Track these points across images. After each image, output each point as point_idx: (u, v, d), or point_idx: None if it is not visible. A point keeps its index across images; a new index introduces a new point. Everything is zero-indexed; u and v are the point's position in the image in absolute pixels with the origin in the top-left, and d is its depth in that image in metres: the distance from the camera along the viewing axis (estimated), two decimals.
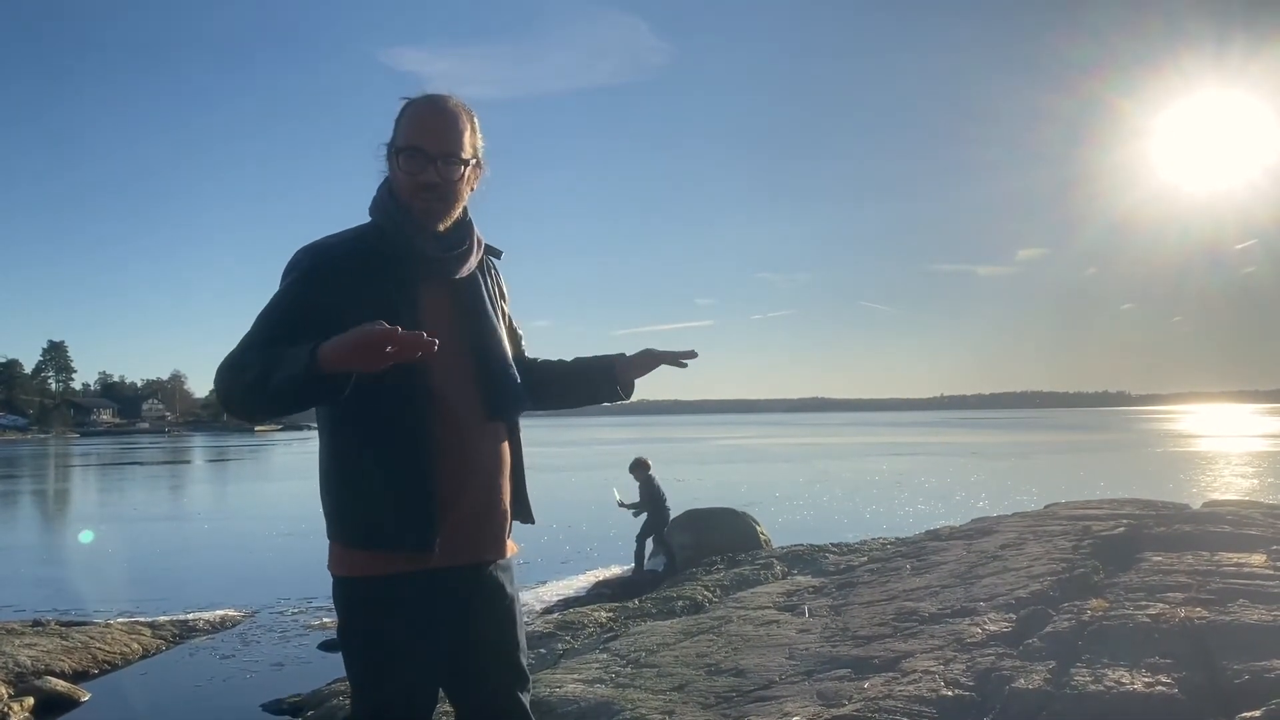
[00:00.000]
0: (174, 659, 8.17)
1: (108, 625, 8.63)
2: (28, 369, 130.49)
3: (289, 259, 1.98)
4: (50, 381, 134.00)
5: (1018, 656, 4.32)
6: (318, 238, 2.03)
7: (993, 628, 4.91)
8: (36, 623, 8.39)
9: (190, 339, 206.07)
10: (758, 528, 12.05)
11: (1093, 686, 3.74)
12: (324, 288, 1.90)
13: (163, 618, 9.19)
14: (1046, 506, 10.00)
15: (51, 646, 7.61)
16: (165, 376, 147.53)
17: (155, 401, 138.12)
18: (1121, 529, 7.13)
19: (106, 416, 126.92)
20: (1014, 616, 5.05)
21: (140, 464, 45.68)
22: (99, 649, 7.88)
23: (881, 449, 49.13)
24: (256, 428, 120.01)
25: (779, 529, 13.58)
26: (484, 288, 2.10)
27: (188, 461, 50.06)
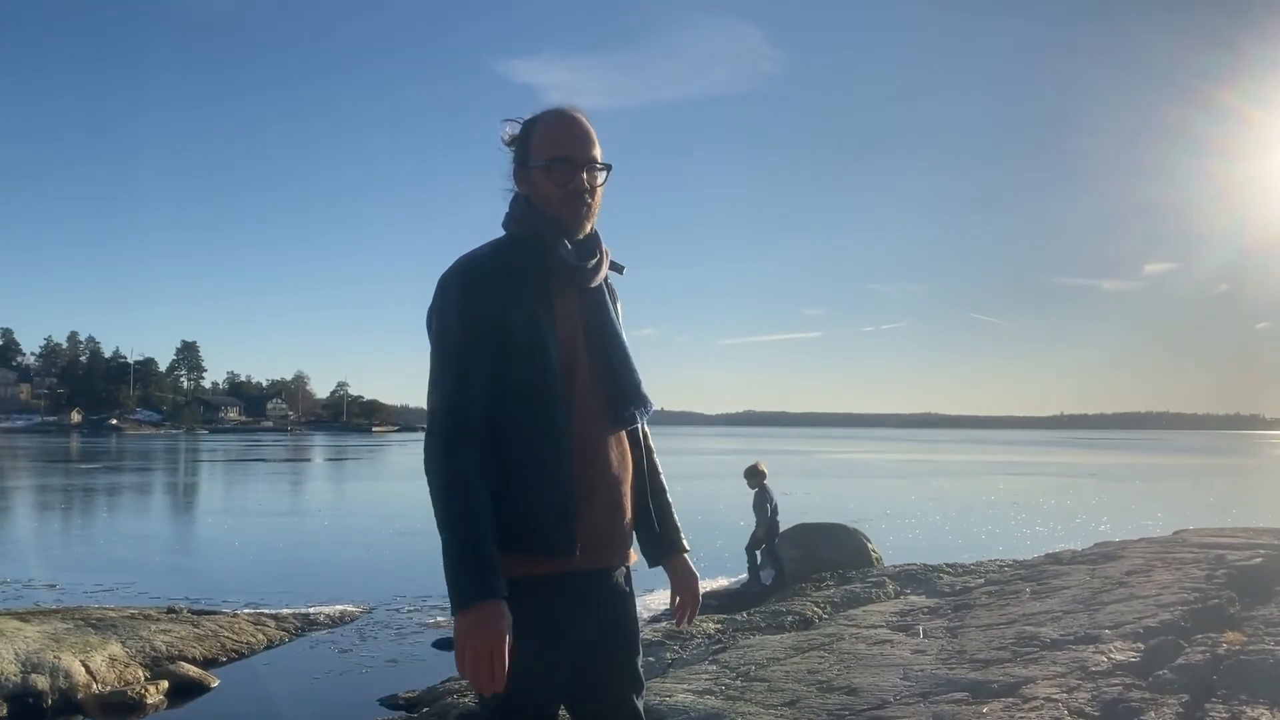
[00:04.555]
0: (296, 650, 8.48)
1: (235, 615, 9.01)
2: (162, 367, 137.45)
3: (440, 280, 2.03)
4: (183, 380, 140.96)
5: (1147, 688, 4.16)
6: (460, 255, 2.07)
7: (1119, 657, 4.74)
8: (170, 610, 8.80)
9: (313, 342, 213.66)
10: (868, 544, 11.86)
11: None
12: (483, 308, 1.96)
13: (285, 610, 9.54)
14: (1175, 533, 9.60)
15: (184, 634, 7.98)
16: (289, 377, 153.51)
17: (279, 401, 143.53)
18: (1259, 559, 6.80)
19: (233, 414, 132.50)
20: (1142, 646, 4.87)
21: (264, 460, 47.52)
22: (227, 638, 8.24)
23: (997, 468, 47.78)
24: (375, 428, 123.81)
25: (890, 547, 13.35)
26: (608, 298, 2.16)
27: (308, 460, 51.83)
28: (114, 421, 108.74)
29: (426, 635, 8.85)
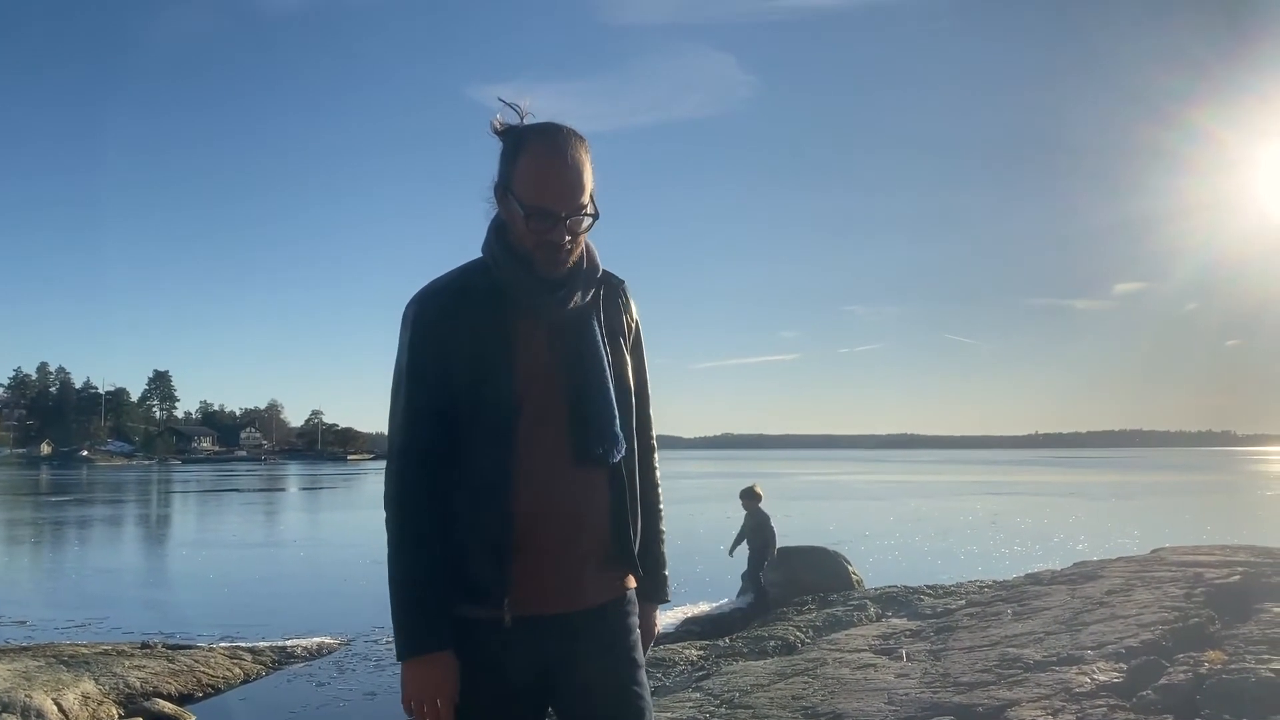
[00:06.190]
0: (273, 684, 8.36)
1: (211, 649, 8.88)
2: (134, 397, 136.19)
3: (404, 309, 1.98)
4: (155, 409, 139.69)
5: (1131, 709, 4.16)
6: (429, 281, 2.00)
7: (1102, 678, 4.74)
8: (145, 645, 8.67)
9: (287, 369, 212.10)
10: (849, 567, 11.86)
11: None
12: (432, 342, 1.92)
13: (262, 643, 9.42)
14: (1153, 551, 9.64)
15: (159, 669, 7.85)
16: (263, 406, 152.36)
17: (253, 430, 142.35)
18: (1237, 577, 6.83)
19: (206, 444, 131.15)
20: (1125, 666, 4.87)
21: (238, 491, 47.03)
22: (203, 672, 8.11)
23: (975, 488, 48.00)
24: (350, 456, 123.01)
25: (870, 569, 13.35)
26: (597, 322, 2.00)
27: (282, 489, 51.35)
28: (85, 453, 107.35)
29: None
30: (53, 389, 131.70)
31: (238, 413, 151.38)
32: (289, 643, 9.54)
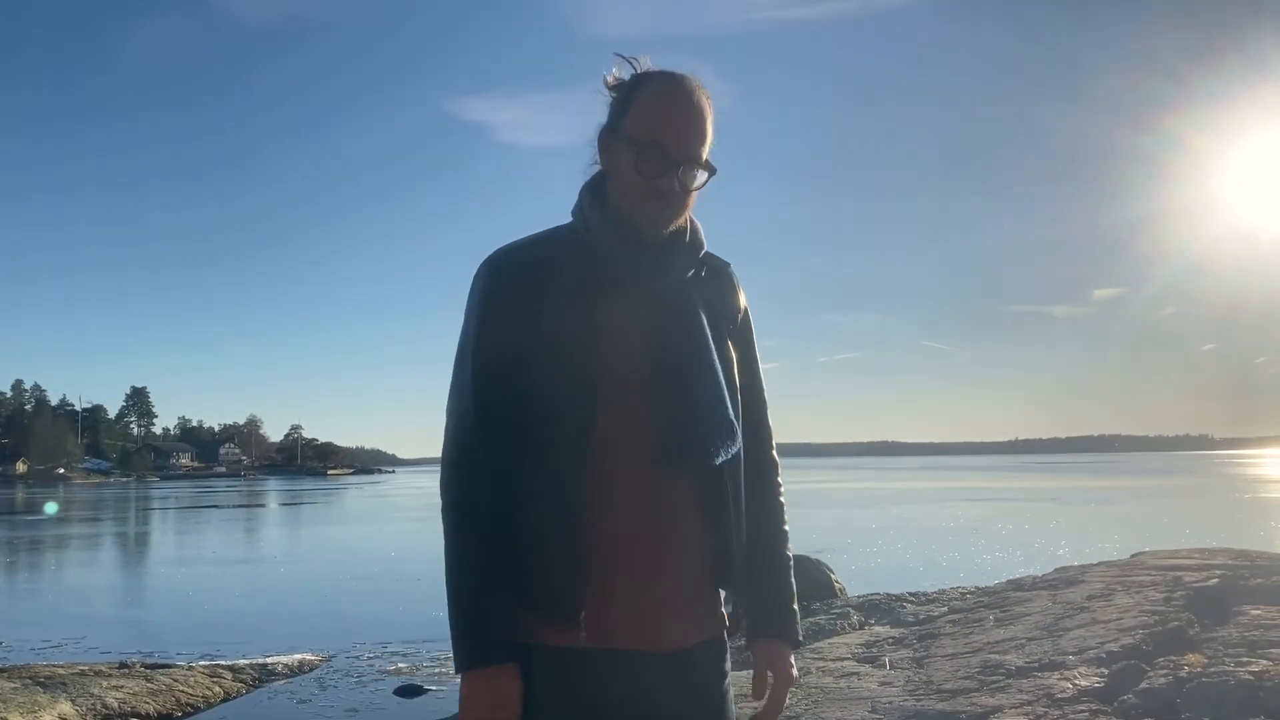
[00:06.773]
0: (253, 703, 8.28)
1: (190, 668, 8.78)
2: (111, 414, 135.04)
3: (476, 271, 1.69)
4: (133, 426, 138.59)
5: (1113, 713, 4.18)
6: (507, 243, 1.72)
7: (1084, 683, 4.76)
8: (123, 664, 8.57)
9: (266, 385, 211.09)
10: (831, 575, 11.88)
11: None
12: (504, 312, 1.63)
13: (242, 661, 9.33)
14: (1133, 556, 9.70)
15: (137, 689, 7.77)
16: (242, 421, 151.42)
17: (232, 446, 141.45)
18: (1215, 580, 6.88)
19: (185, 460, 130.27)
20: (1106, 671, 4.89)
21: (217, 507, 46.66)
22: (182, 692, 8.03)
23: (955, 494, 48.17)
24: (330, 471, 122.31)
25: (852, 576, 13.36)
26: (700, 304, 1.69)
27: (262, 505, 50.99)
28: (61, 471, 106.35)
29: (388, 683, 8.68)
30: (28, 406, 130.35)
31: (216, 428, 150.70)
32: (269, 660, 9.45)
